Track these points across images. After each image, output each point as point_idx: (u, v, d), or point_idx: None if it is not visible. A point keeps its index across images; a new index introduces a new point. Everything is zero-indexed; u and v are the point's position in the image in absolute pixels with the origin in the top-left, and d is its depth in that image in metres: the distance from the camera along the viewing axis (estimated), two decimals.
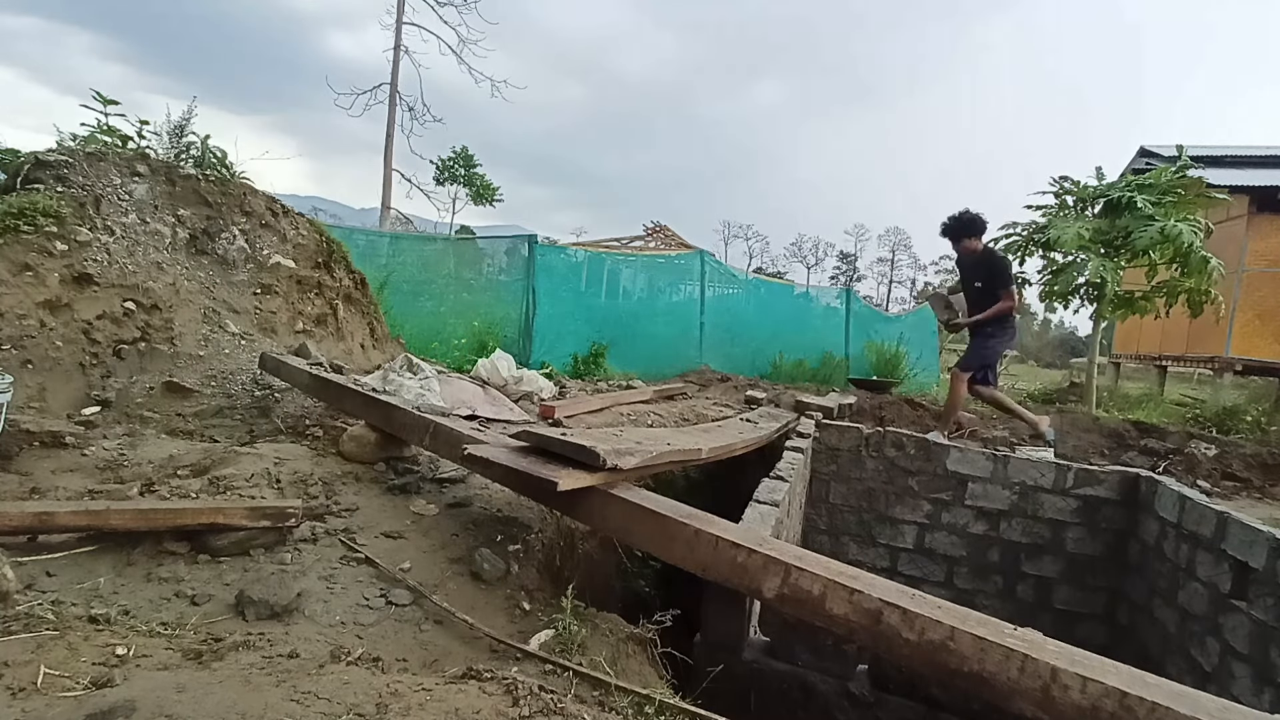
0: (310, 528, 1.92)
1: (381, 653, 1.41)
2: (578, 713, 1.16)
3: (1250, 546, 2.97)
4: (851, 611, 1.47)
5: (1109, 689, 1.24)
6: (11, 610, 1.30)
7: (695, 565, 1.66)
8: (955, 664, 1.37)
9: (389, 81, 16.33)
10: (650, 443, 2.27)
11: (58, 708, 1.02)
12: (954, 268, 5.43)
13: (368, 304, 4.68)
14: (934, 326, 12.57)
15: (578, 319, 7.62)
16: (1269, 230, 11.07)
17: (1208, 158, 11.37)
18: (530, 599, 1.85)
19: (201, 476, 2.07)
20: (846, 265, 72.96)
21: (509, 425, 3.15)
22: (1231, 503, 4.22)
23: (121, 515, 1.64)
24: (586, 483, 1.76)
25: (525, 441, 1.95)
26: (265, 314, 3.75)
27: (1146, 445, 5.59)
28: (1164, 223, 6.82)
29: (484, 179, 24.94)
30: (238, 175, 4.18)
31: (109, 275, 3.04)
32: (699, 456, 2.60)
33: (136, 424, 2.63)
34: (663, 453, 2.18)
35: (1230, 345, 11.04)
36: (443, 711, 1.08)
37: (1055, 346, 41.87)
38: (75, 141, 3.69)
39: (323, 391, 2.81)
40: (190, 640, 1.34)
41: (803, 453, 4.03)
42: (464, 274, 7.98)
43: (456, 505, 2.32)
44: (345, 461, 2.46)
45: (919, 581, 4.55)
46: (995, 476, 4.49)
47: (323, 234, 4.37)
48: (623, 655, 1.65)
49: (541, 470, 1.71)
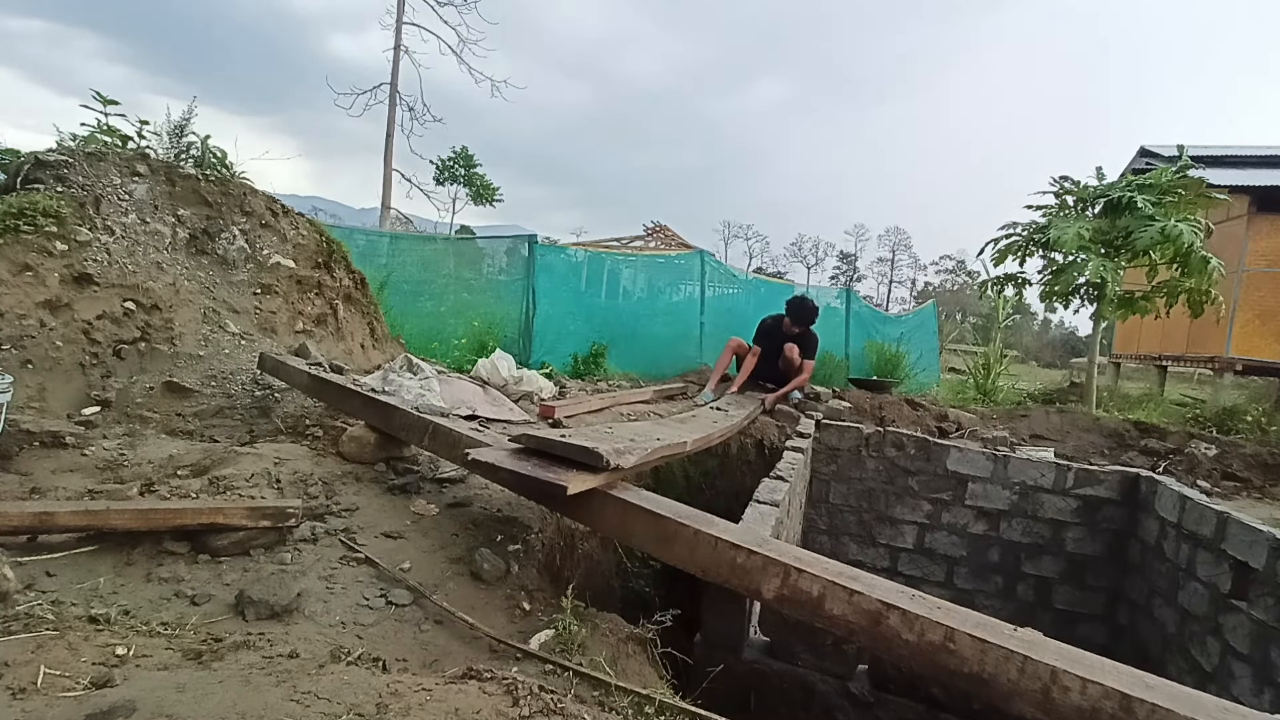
0: (310, 528, 1.92)
1: (381, 653, 1.41)
2: (578, 713, 1.16)
3: (1250, 546, 2.97)
4: (851, 612, 1.47)
5: (1109, 690, 1.24)
6: (11, 610, 1.30)
7: (695, 566, 1.66)
8: (955, 665, 1.37)
9: (389, 81, 16.34)
10: (641, 439, 2.29)
11: (58, 708, 1.02)
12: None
13: (368, 304, 4.68)
14: (934, 327, 12.58)
15: (578, 319, 7.61)
16: (1269, 230, 11.07)
17: (1208, 158, 11.37)
18: (530, 599, 1.85)
19: (201, 476, 2.07)
20: (846, 265, 72.96)
21: (509, 425, 3.15)
22: (1232, 503, 4.22)
23: (121, 515, 1.64)
24: (591, 484, 1.76)
25: (525, 444, 1.95)
26: (265, 314, 3.75)
27: (1147, 445, 5.59)
28: (1164, 223, 6.82)
29: (484, 179, 24.95)
30: (238, 175, 4.18)
31: (109, 275, 3.05)
32: (684, 449, 2.64)
33: (136, 424, 2.63)
34: (656, 449, 2.21)
35: (1230, 345, 11.04)
36: (443, 711, 1.08)
37: (1055, 346, 41.87)
38: (75, 141, 3.69)
39: (322, 392, 2.81)
40: (190, 640, 1.34)
41: (803, 453, 4.03)
42: (464, 274, 7.97)
43: (456, 505, 2.32)
44: (345, 461, 2.46)
45: (919, 581, 4.55)
46: (995, 476, 4.49)
47: (323, 234, 4.37)
48: (623, 655, 1.65)
49: (546, 474, 1.71)
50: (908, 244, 71.75)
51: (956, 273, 64.94)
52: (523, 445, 1.94)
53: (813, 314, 5.80)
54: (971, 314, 38.87)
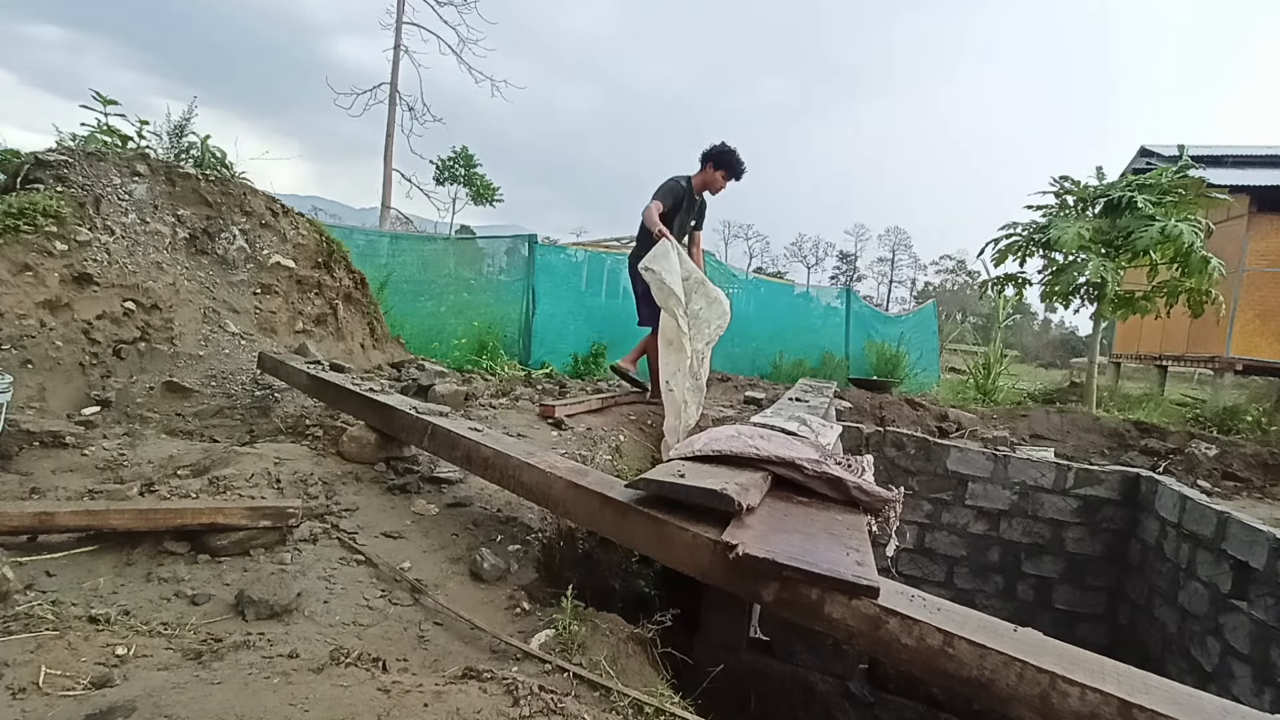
0: (310, 528, 1.92)
1: (381, 652, 1.41)
2: (578, 712, 1.16)
3: (1250, 546, 2.97)
4: (850, 615, 1.46)
5: (1108, 697, 1.24)
6: (11, 610, 1.30)
7: (694, 569, 1.66)
8: (954, 669, 1.37)
9: (389, 81, 16.33)
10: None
11: (58, 708, 1.02)
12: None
13: (368, 304, 4.68)
14: (934, 327, 12.57)
15: (578, 319, 7.61)
16: (1269, 230, 11.06)
17: (1208, 157, 11.37)
18: (530, 599, 1.85)
19: (201, 476, 2.07)
20: (846, 265, 72.94)
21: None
22: (1232, 502, 4.22)
23: (121, 515, 1.64)
24: (734, 539, 1.52)
25: (642, 490, 1.72)
26: (265, 314, 3.75)
27: (1147, 445, 5.59)
28: (1164, 223, 6.82)
29: (484, 179, 24.94)
30: (238, 175, 4.19)
31: (109, 275, 3.05)
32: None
33: (136, 424, 2.63)
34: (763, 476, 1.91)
35: (1231, 345, 11.03)
36: (443, 711, 1.08)
37: (1055, 346, 41.84)
38: (75, 141, 3.69)
39: (321, 392, 2.81)
40: (190, 640, 1.34)
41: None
42: (464, 274, 7.98)
43: (456, 505, 2.32)
44: (345, 461, 2.46)
45: (919, 581, 4.55)
46: (995, 476, 4.49)
47: (323, 234, 4.38)
48: (623, 655, 1.65)
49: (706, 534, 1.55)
50: (908, 244, 71.77)
51: (956, 273, 64.95)
52: (642, 491, 1.72)
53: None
54: (971, 314, 38.88)
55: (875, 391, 7.04)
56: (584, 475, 1.93)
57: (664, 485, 1.68)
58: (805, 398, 4.40)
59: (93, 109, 3.79)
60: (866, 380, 8.01)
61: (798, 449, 2.09)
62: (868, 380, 8.01)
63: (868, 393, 6.83)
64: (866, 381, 7.88)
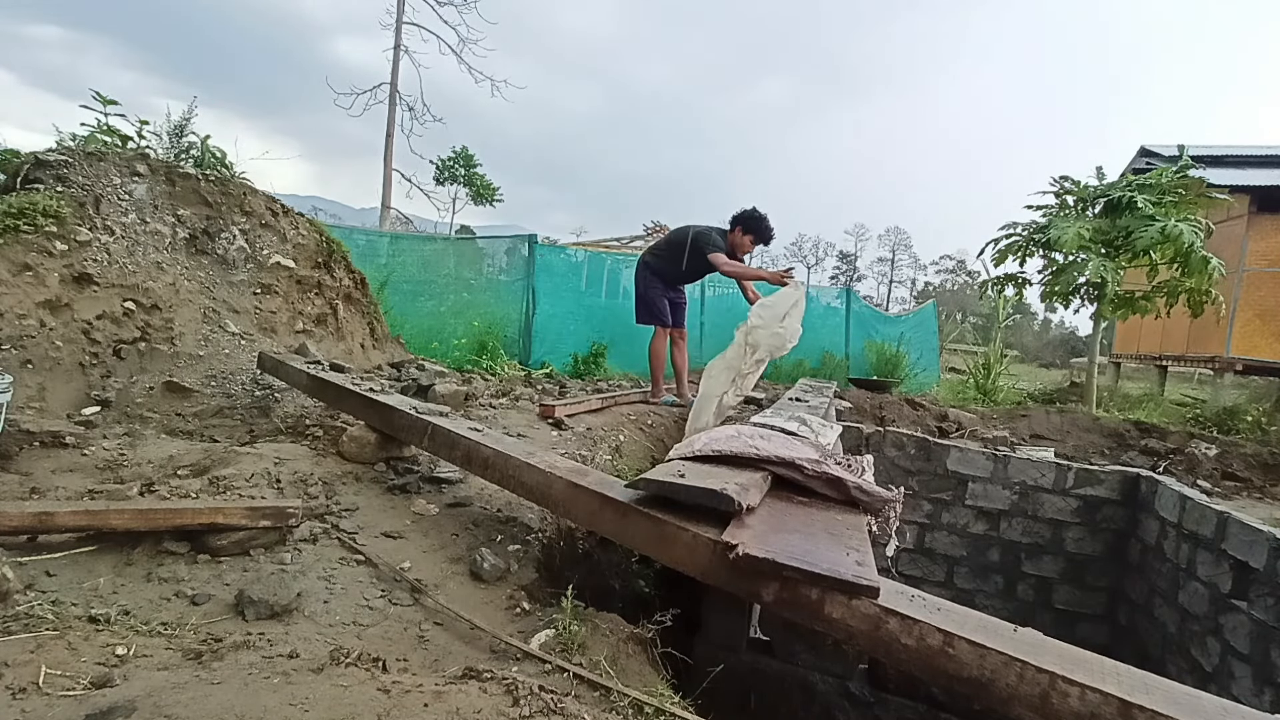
0: (310, 528, 1.92)
1: (381, 652, 1.41)
2: (578, 712, 1.16)
3: (1250, 546, 2.97)
4: (850, 615, 1.46)
5: (1107, 696, 1.24)
6: (11, 610, 1.30)
7: (694, 569, 1.66)
8: (954, 669, 1.37)
9: (389, 81, 16.32)
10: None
11: (58, 708, 1.02)
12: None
13: (368, 304, 4.68)
14: (934, 327, 12.56)
15: (578, 319, 7.61)
16: (1269, 230, 11.06)
17: (1208, 157, 11.37)
18: (530, 599, 1.85)
19: (201, 476, 2.07)
20: (846, 265, 72.90)
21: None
22: (1232, 502, 4.22)
23: (121, 515, 1.64)
24: (734, 539, 1.54)
25: (642, 490, 1.73)
26: (265, 314, 3.75)
27: (1147, 445, 5.59)
28: (1165, 223, 6.82)
29: (484, 179, 24.93)
30: (238, 175, 4.19)
31: (109, 275, 3.05)
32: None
33: (136, 424, 2.63)
34: (763, 475, 1.94)
35: (1231, 345, 11.03)
36: (443, 711, 1.08)
37: (1055, 346, 41.80)
38: (75, 141, 3.69)
39: (321, 392, 2.81)
40: (190, 640, 1.34)
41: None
42: (464, 274, 7.97)
43: (456, 505, 2.32)
44: (345, 461, 2.46)
45: (919, 581, 4.55)
46: (995, 476, 4.49)
47: (323, 234, 4.38)
48: (623, 655, 1.65)
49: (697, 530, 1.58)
50: (908, 244, 71.70)
51: (956, 273, 64.91)
52: (640, 490, 1.73)
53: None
54: (971, 314, 38.80)
55: (875, 391, 7.04)
56: (584, 475, 1.93)
57: (664, 485, 1.69)
58: (805, 398, 4.41)
59: (93, 109, 3.79)
60: (866, 380, 8.00)
61: (798, 449, 2.09)
62: (868, 380, 8.01)
63: (868, 393, 6.83)
64: (866, 381, 7.88)
